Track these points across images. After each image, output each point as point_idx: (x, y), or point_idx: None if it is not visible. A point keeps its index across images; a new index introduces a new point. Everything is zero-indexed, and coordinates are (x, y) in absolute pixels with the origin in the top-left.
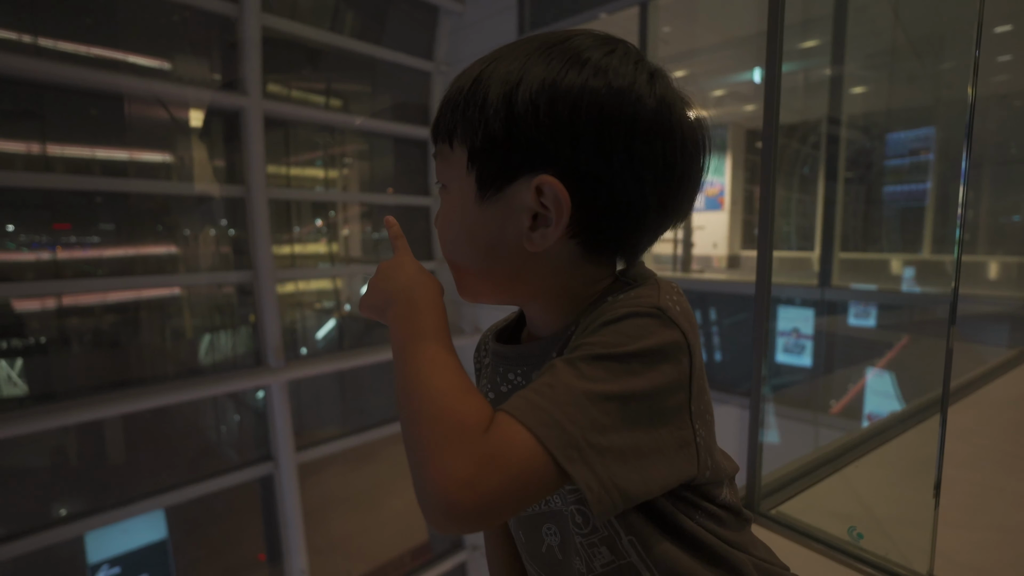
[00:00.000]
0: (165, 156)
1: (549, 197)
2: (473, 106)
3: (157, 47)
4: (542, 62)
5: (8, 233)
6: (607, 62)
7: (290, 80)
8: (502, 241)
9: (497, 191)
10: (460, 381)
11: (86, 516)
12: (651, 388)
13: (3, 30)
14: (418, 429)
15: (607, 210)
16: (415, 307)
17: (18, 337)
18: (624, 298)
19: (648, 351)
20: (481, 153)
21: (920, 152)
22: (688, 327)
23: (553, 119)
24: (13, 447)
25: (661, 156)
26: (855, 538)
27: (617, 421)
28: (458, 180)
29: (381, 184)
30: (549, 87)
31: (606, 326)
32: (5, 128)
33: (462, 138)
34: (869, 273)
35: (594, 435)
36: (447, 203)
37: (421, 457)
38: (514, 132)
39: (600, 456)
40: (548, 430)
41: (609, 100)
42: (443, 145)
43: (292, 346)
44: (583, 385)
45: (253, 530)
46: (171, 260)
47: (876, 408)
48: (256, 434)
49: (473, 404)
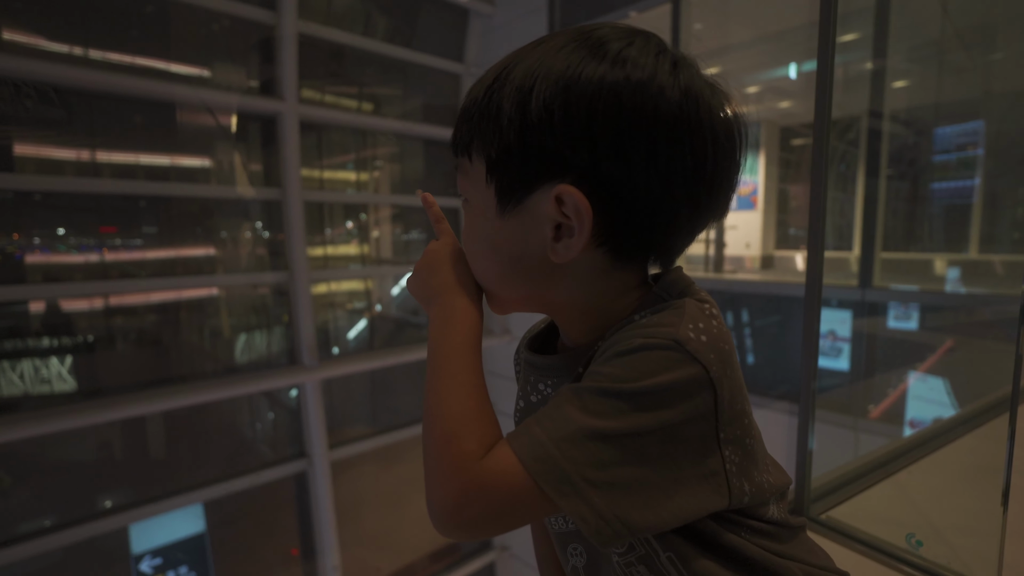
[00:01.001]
0: (205, 161)
1: (570, 206)
2: (487, 117)
3: (198, 55)
4: (554, 63)
5: (59, 236)
6: (625, 54)
7: (324, 85)
8: (527, 253)
9: (517, 203)
10: (475, 405)
11: (130, 508)
12: (659, 425)
13: (58, 43)
14: (427, 447)
15: (632, 215)
16: (452, 317)
17: (67, 336)
18: (645, 323)
19: (658, 388)
20: (498, 165)
21: (967, 147)
22: (712, 358)
23: (568, 123)
24: (62, 441)
25: (689, 153)
26: (914, 546)
27: (621, 457)
28: (479, 193)
29: (411, 186)
30: (563, 90)
31: (619, 357)
32: (59, 136)
33: (479, 150)
34: (912, 273)
35: (592, 471)
36: (470, 217)
37: (426, 473)
38: (529, 140)
39: (598, 490)
40: (542, 465)
41: (627, 96)
42: (463, 159)
43: (324, 346)
44: (586, 421)
45: (287, 525)
46: (209, 261)
47: (919, 414)
48: (290, 431)
49: (478, 432)
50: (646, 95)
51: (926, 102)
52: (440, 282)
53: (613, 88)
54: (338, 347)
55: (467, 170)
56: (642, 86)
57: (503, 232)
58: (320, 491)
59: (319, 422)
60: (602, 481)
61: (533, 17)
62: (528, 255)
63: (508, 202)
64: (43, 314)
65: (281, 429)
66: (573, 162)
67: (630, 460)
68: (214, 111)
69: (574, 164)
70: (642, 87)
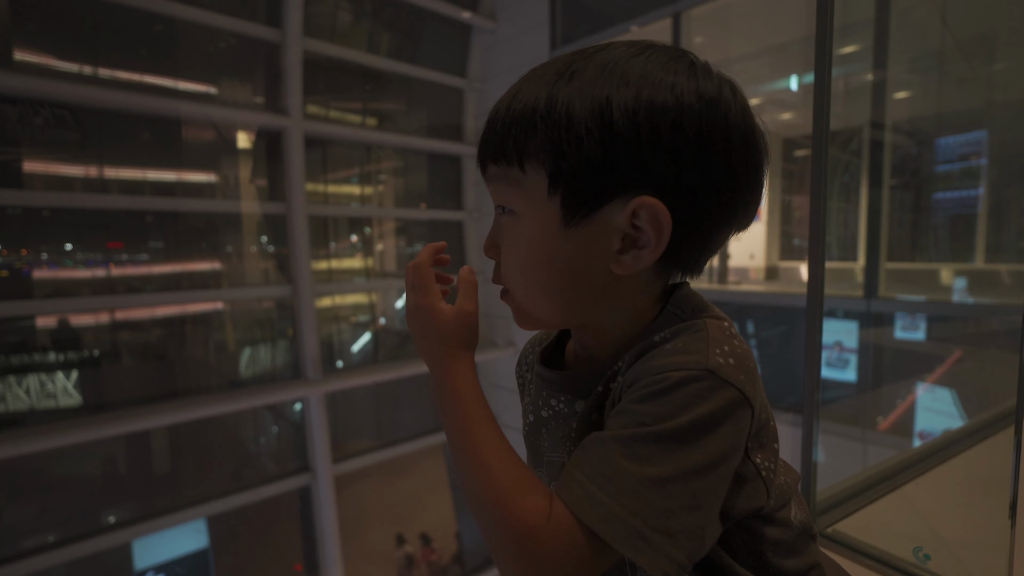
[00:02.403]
0: (210, 176)
1: (646, 218)
2: (555, 127)
3: (205, 73)
4: (627, 75)
5: (67, 252)
6: (692, 75)
7: (329, 100)
8: (587, 266)
9: (586, 215)
10: (519, 474)
11: (133, 523)
12: (711, 458)
13: (68, 62)
14: (482, 522)
15: (702, 225)
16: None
17: (73, 350)
18: (671, 349)
19: (701, 420)
20: (569, 176)
21: (971, 157)
22: (743, 379)
23: (654, 136)
24: (67, 455)
25: (753, 161)
26: (922, 560)
27: (681, 499)
28: (534, 205)
29: (415, 200)
30: (646, 104)
31: (656, 396)
32: (68, 154)
33: (540, 161)
34: (917, 284)
35: (660, 521)
36: (515, 228)
37: (494, 556)
38: (611, 152)
39: (670, 538)
40: (611, 527)
41: (705, 111)
42: (511, 169)
43: (329, 359)
44: (642, 471)
45: (291, 540)
46: (215, 276)
47: (928, 425)
48: (294, 446)
49: (533, 501)
50: (718, 111)
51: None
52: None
53: (692, 104)
54: (342, 360)
55: (517, 180)
56: (714, 103)
57: (565, 244)
58: (324, 505)
59: (323, 436)
60: (671, 529)
61: (535, 32)
62: (588, 267)
63: (576, 214)
64: (49, 329)
65: (285, 443)
66: (655, 174)
67: (690, 499)
68: (220, 127)
69: (656, 176)
70: (715, 104)
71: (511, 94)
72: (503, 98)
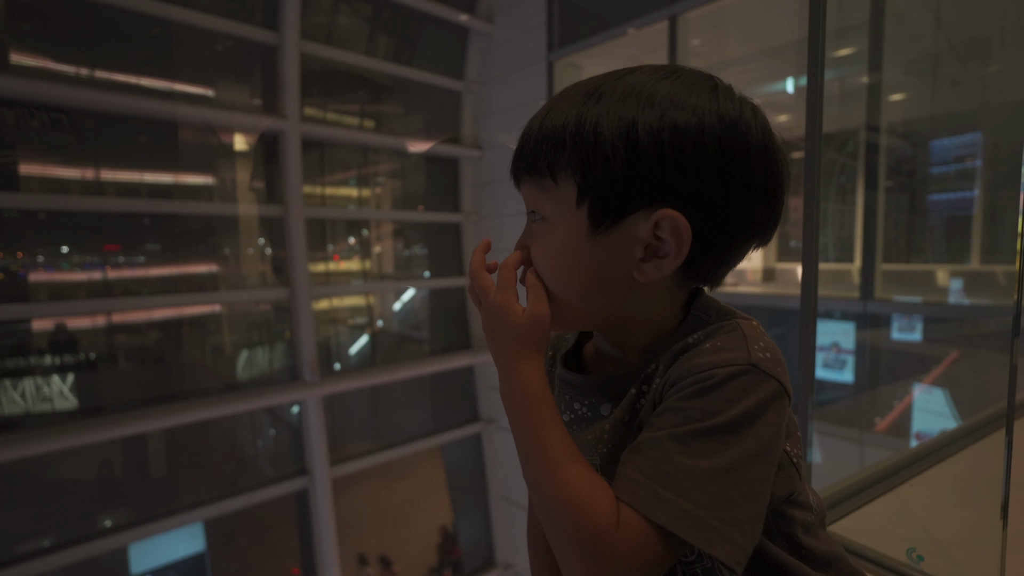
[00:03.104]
0: (208, 179)
1: (668, 230)
2: (584, 144)
3: (202, 75)
4: (653, 96)
5: (63, 255)
6: (714, 97)
7: (326, 103)
8: (611, 272)
9: (610, 225)
10: (589, 476)
11: (130, 527)
12: (762, 447)
13: (65, 65)
14: (558, 531)
15: (721, 237)
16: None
17: (70, 353)
18: (710, 348)
19: (750, 412)
20: (596, 189)
21: (966, 159)
22: (779, 371)
23: (677, 153)
24: (63, 459)
25: (772, 179)
26: (915, 560)
27: (742, 489)
28: (563, 213)
29: (413, 202)
30: (670, 125)
31: (705, 392)
32: (66, 157)
33: (570, 174)
34: (914, 285)
35: (725, 511)
36: (547, 235)
37: (564, 558)
38: (636, 169)
39: (737, 527)
40: (681, 522)
41: (726, 130)
42: (544, 180)
43: (326, 362)
44: (700, 464)
45: (288, 544)
46: (212, 278)
47: (925, 426)
48: (292, 448)
49: (603, 502)
50: (738, 130)
51: (923, 115)
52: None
53: (714, 124)
54: (340, 363)
55: (550, 191)
56: (735, 123)
57: (591, 251)
58: (321, 508)
59: (320, 439)
60: (736, 518)
61: (532, 35)
62: (613, 274)
63: (601, 224)
64: (45, 332)
65: (282, 446)
66: (676, 189)
67: (748, 487)
68: (217, 130)
69: (677, 191)
70: (735, 124)
71: (544, 112)
72: (536, 116)
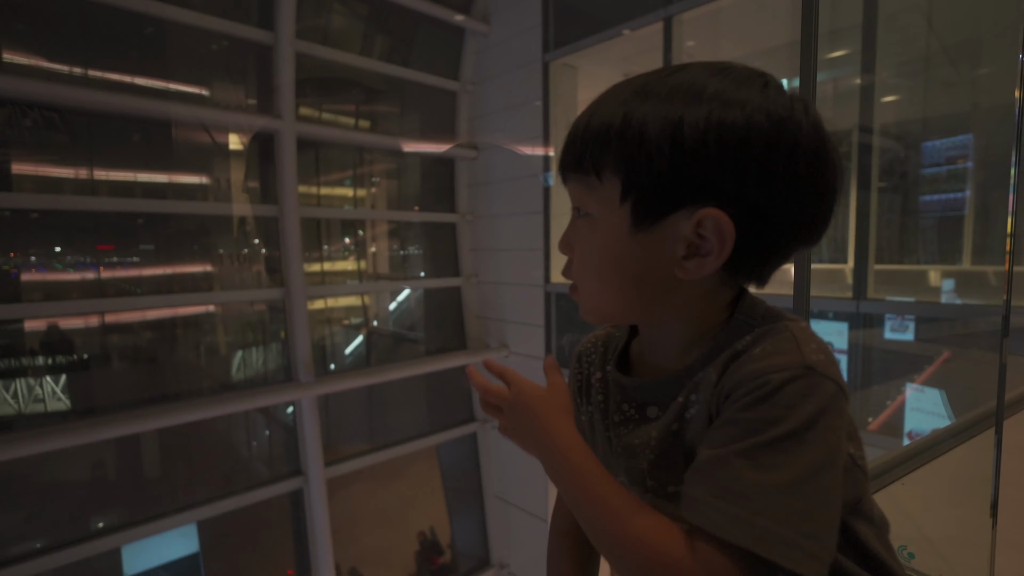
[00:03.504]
0: (202, 178)
1: (710, 228)
2: (629, 143)
3: (197, 75)
4: (700, 95)
5: (56, 254)
6: (764, 95)
7: (321, 103)
8: (653, 269)
9: (653, 223)
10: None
11: (123, 529)
12: (829, 452)
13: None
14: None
15: (764, 238)
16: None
17: (62, 354)
18: (760, 353)
19: (812, 416)
20: (640, 187)
21: (957, 160)
22: (836, 371)
23: (722, 153)
24: (55, 461)
25: (821, 179)
26: (906, 558)
27: (817, 499)
28: (607, 210)
29: (408, 202)
30: (716, 124)
31: (763, 400)
32: (59, 156)
33: (615, 171)
34: (907, 285)
35: (805, 525)
36: (590, 230)
37: None
38: (680, 168)
39: (818, 540)
40: (763, 542)
41: (773, 130)
42: (589, 177)
43: (321, 362)
44: (772, 478)
45: (282, 545)
46: (206, 278)
47: (917, 425)
48: (286, 449)
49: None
50: (787, 129)
51: (915, 116)
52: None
53: (762, 122)
54: (335, 363)
55: (594, 187)
56: (783, 122)
57: (632, 247)
58: (316, 509)
59: (315, 439)
60: (815, 531)
61: (527, 35)
62: (654, 270)
63: (644, 221)
64: (38, 332)
65: (277, 446)
66: (720, 188)
67: (822, 496)
68: (212, 129)
69: (720, 190)
70: (783, 123)
71: (591, 110)
72: (584, 113)
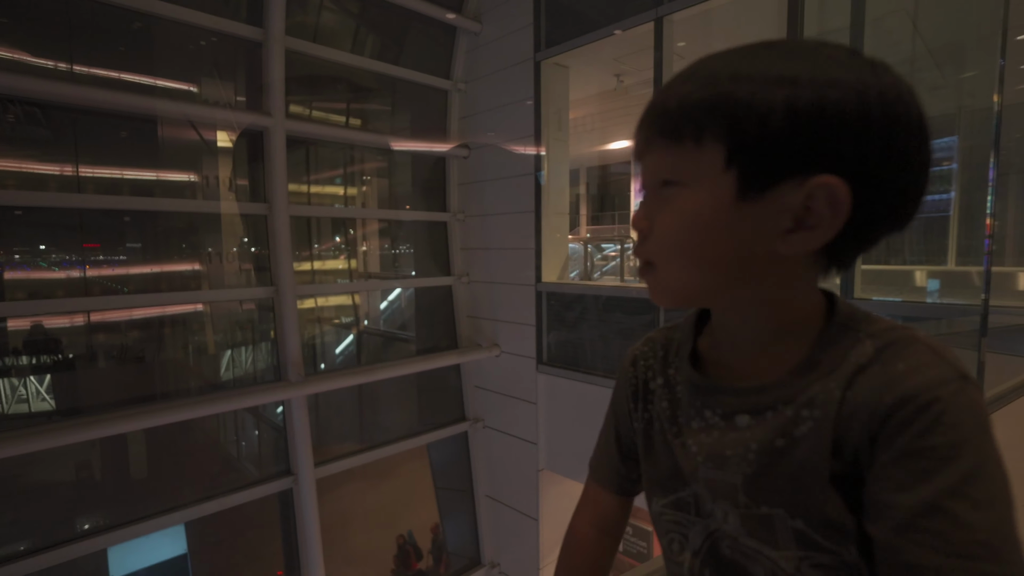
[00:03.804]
0: (191, 176)
1: (823, 199)
2: (739, 103)
3: (185, 71)
4: (815, 61)
5: (40, 252)
6: (874, 70)
7: (311, 100)
8: (751, 241)
9: (762, 190)
10: None
11: (109, 530)
12: (998, 452)
13: (42, 59)
14: None
15: (871, 211)
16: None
17: (48, 353)
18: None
19: (985, 426)
20: (749, 150)
21: (942, 162)
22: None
23: (841, 118)
24: (40, 462)
25: (927, 152)
26: None
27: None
28: (708, 177)
29: (399, 201)
30: (836, 84)
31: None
32: (42, 152)
33: (719, 136)
34: (892, 285)
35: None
36: (681, 199)
37: None
38: (795, 132)
39: None
40: None
41: (891, 103)
42: (684, 143)
43: (311, 361)
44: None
45: (272, 546)
46: (195, 277)
47: None
48: (276, 449)
49: None
50: (902, 105)
51: None
52: None
53: (881, 94)
54: (325, 362)
55: (691, 154)
56: (900, 97)
57: (734, 217)
58: (306, 510)
59: (305, 439)
60: None
61: (519, 34)
62: (753, 243)
63: (751, 189)
64: (22, 331)
65: (266, 446)
66: (838, 157)
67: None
68: (200, 126)
69: (839, 159)
70: (900, 98)
71: (688, 72)
72: (678, 75)
